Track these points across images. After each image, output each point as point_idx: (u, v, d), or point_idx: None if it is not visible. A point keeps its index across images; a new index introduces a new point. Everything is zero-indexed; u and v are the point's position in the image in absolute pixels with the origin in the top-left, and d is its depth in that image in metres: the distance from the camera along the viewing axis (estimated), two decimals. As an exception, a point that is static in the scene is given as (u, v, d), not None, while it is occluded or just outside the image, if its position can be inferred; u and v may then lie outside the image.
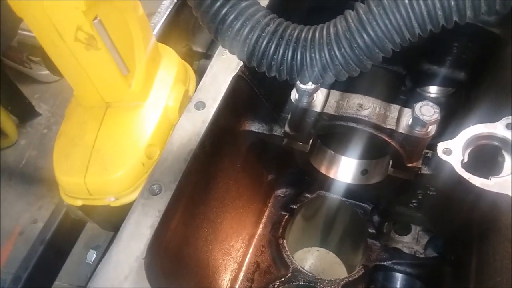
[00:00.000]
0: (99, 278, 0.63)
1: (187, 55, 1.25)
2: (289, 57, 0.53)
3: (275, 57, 0.54)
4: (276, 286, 0.97)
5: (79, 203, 0.94)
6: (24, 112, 2.64)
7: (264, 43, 0.54)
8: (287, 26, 0.55)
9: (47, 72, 2.62)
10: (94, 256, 1.16)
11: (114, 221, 0.75)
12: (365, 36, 0.50)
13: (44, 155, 2.67)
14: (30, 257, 1.73)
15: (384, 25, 0.48)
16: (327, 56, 0.52)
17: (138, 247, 0.65)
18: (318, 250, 1.65)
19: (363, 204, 1.07)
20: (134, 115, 0.94)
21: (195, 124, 0.75)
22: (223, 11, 0.54)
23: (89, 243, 1.81)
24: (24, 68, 2.62)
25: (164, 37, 1.21)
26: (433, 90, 1.26)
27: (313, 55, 0.53)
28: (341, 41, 0.51)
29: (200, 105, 0.76)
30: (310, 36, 0.53)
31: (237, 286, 0.99)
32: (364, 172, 0.97)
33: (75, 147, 0.90)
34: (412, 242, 1.11)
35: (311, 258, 1.79)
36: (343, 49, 0.51)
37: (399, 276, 1.05)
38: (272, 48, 0.54)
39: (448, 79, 1.19)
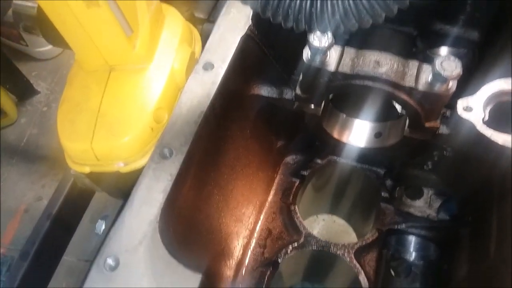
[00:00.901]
0: (112, 244, 0.61)
1: (189, 21, 1.21)
2: (308, 4, 0.50)
3: (292, 4, 0.51)
4: (289, 251, 0.96)
5: (87, 170, 0.92)
6: (23, 91, 2.61)
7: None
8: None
9: (44, 49, 2.57)
10: (103, 226, 1.15)
11: (123, 188, 0.73)
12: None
13: (45, 133, 2.64)
14: (37, 233, 1.73)
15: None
16: (350, 2, 0.48)
17: (151, 211, 0.63)
18: (324, 220, 1.65)
19: (375, 169, 1.05)
20: (140, 78, 0.90)
21: (204, 86, 0.71)
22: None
23: (95, 216, 1.81)
24: (21, 45, 2.58)
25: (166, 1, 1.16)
26: (443, 51, 1.21)
27: (334, 1, 0.49)
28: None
29: (209, 66, 0.73)
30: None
31: (249, 252, 0.98)
32: (378, 135, 0.94)
33: (80, 113, 0.87)
34: (424, 206, 1.09)
35: (317, 228, 1.79)
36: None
37: (412, 240, 1.04)
38: (289, -4, 0.50)
39: (460, 39, 1.15)
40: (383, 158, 1.00)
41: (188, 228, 0.77)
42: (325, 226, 1.68)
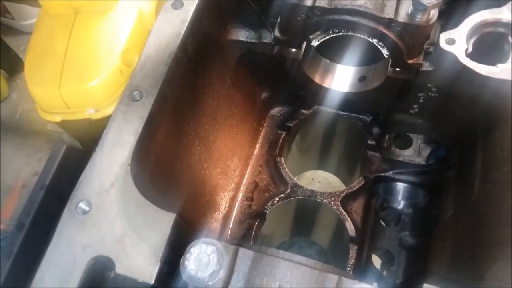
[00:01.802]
0: (83, 188, 0.59)
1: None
2: None
3: None
4: (275, 201, 0.95)
5: (58, 118, 0.90)
6: (12, 65, 2.58)
7: None
8: None
9: (31, 21, 2.52)
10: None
11: (97, 137, 0.71)
12: None
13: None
14: (31, 204, 1.73)
15: None
16: None
17: (122, 154, 0.61)
18: (320, 182, 1.64)
19: (361, 116, 1.03)
20: (106, 19, 0.87)
21: (174, 25, 0.68)
22: None
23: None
24: (7, 19, 2.53)
25: None
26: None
27: None
28: None
29: (178, 4, 0.70)
30: None
31: (236, 205, 0.97)
32: (362, 78, 0.91)
33: (46, 58, 0.85)
34: (413, 155, 1.07)
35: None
36: None
37: (400, 187, 1.03)
38: None
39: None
40: (368, 104, 0.98)
41: (168, 177, 0.75)
42: (321, 187, 1.67)
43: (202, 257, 0.53)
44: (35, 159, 2.42)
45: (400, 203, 1.04)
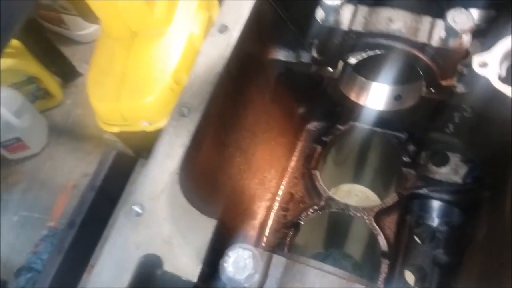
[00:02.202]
0: (138, 193, 0.67)
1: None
2: None
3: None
4: (309, 213, 0.99)
5: (116, 129, 0.99)
6: (67, 73, 2.74)
7: None
8: None
9: (85, 32, 2.70)
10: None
11: (150, 147, 0.79)
12: None
13: (89, 113, 2.77)
14: (82, 204, 1.85)
15: None
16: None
17: (172, 164, 0.68)
18: (357, 195, 1.65)
19: (397, 133, 1.05)
20: (159, 41, 0.96)
21: (220, 48, 0.75)
22: None
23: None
24: (63, 29, 2.70)
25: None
26: (474, 15, 1.18)
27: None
28: None
29: (223, 29, 0.76)
30: None
31: (272, 214, 1.02)
32: (397, 97, 0.95)
33: (107, 76, 0.95)
34: (450, 173, 1.07)
35: (351, 202, 1.80)
36: None
37: (435, 205, 1.04)
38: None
39: None
40: (403, 122, 1.00)
41: (211, 186, 0.82)
42: (359, 201, 1.69)
43: (239, 261, 0.59)
44: (85, 162, 2.57)
45: (435, 221, 1.05)
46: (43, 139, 2.61)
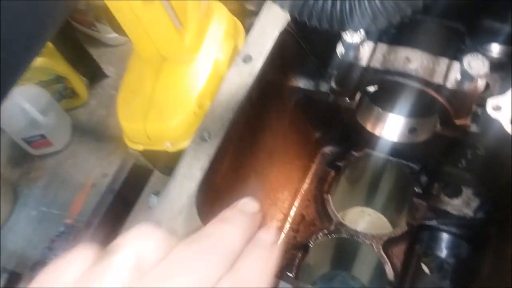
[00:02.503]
0: (157, 213, 0.70)
1: (239, 12, 1.29)
2: (338, 8, 0.55)
3: (324, 8, 0.56)
4: (319, 236, 1.01)
5: (140, 147, 1.04)
6: (94, 74, 2.83)
7: (307, -8, 0.56)
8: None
9: (114, 35, 2.77)
10: (156, 201, 1.28)
11: (170, 165, 0.83)
12: (404, -18, 0.50)
13: (112, 115, 2.85)
14: (101, 205, 1.92)
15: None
16: (365, 3, 0.53)
17: (190, 186, 0.71)
18: (369, 215, 1.67)
19: (410, 164, 1.07)
20: (187, 67, 1.01)
21: (242, 77, 0.79)
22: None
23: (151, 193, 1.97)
24: (92, 31, 2.78)
25: (217, -4, 1.25)
26: (495, 49, 1.19)
27: (353, 2, 0.54)
28: (380, -11, 0.52)
29: (248, 59, 0.80)
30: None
31: (282, 234, 1.05)
32: (412, 130, 0.96)
33: (136, 97, 1.00)
34: (462, 205, 1.09)
35: (362, 222, 1.81)
36: (382, -3, 0.52)
37: (444, 237, 1.05)
38: (315, -3, 0.56)
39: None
40: (417, 153, 1.02)
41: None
42: (370, 221, 1.70)
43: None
44: (106, 162, 2.64)
45: (443, 252, 1.06)
46: (66, 137, 2.69)
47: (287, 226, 1.06)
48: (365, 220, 1.81)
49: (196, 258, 0.38)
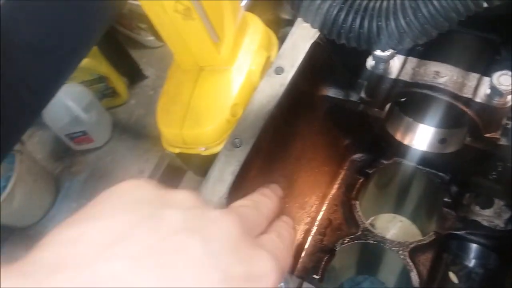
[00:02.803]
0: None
1: (274, 22, 1.32)
2: (366, 28, 0.58)
3: (344, 25, 0.59)
4: (345, 241, 1.04)
5: (177, 150, 1.10)
6: (134, 75, 2.92)
7: (335, 12, 0.59)
8: (358, -5, 0.59)
9: (154, 38, 2.86)
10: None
11: (203, 167, 0.88)
12: (430, 6, 0.52)
13: (150, 114, 2.96)
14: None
15: (448, -5, 0.50)
16: (392, 24, 0.56)
17: (221, 189, 0.76)
18: (401, 221, 1.67)
19: (440, 174, 1.07)
20: (223, 77, 1.06)
21: (274, 87, 0.82)
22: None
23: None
24: (134, 34, 2.87)
25: (252, 8, 1.30)
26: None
27: (380, 23, 0.57)
28: (406, 11, 0.54)
29: (279, 70, 0.84)
30: (378, 5, 0.57)
31: (310, 237, 1.08)
32: (442, 141, 0.97)
33: (174, 104, 1.06)
34: (493, 216, 1.08)
35: (392, 228, 1.81)
36: (408, 18, 0.54)
37: (473, 247, 1.05)
38: (342, 17, 0.59)
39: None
40: (447, 164, 1.03)
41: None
42: (402, 227, 1.70)
43: (272, 286, 0.66)
44: (143, 159, 2.73)
45: (472, 262, 1.06)
46: (106, 134, 2.79)
47: (314, 229, 1.09)
48: (396, 226, 1.81)
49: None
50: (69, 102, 2.53)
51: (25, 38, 1.04)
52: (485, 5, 0.52)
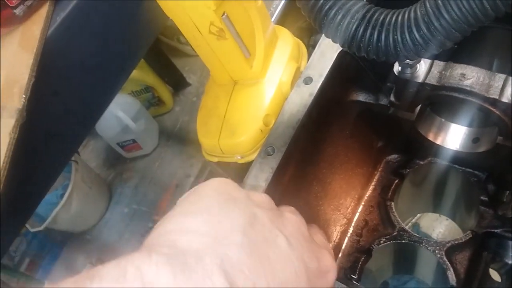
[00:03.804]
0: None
1: (306, 29, 1.37)
2: (375, 40, 0.62)
3: (362, 40, 0.63)
4: (382, 242, 1.06)
5: (215, 159, 1.18)
6: (177, 83, 3.04)
7: (353, 28, 0.63)
8: (374, 11, 0.63)
9: (195, 46, 2.97)
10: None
11: (240, 174, 0.94)
12: (441, 19, 0.55)
13: (194, 120, 3.05)
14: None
15: (458, 9, 0.53)
16: (407, 37, 0.59)
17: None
18: (447, 220, 1.66)
19: (477, 172, 1.07)
20: (255, 90, 1.12)
21: (303, 97, 0.87)
22: (325, 7, 0.65)
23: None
24: (176, 43, 2.99)
25: (284, 17, 1.35)
26: None
27: (395, 37, 0.60)
28: (419, 24, 0.57)
29: (308, 80, 0.88)
30: (393, 20, 0.61)
31: (346, 238, 1.11)
32: (475, 140, 0.97)
33: (211, 117, 1.13)
34: (534, 213, 1.07)
35: (438, 227, 1.80)
36: (421, 31, 0.58)
37: (512, 244, 1.04)
38: (360, 32, 0.63)
39: None
40: (482, 162, 1.02)
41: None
42: (448, 225, 1.69)
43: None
44: (188, 164, 2.85)
45: (511, 259, 1.05)
46: (154, 141, 2.93)
47: (350, 230, 1.13)
48: (442, 225, 1.79)
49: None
50: (119, 113, 2.68)
51: (78, 56, 1.14)
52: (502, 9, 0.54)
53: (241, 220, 0.49)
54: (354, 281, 1.02)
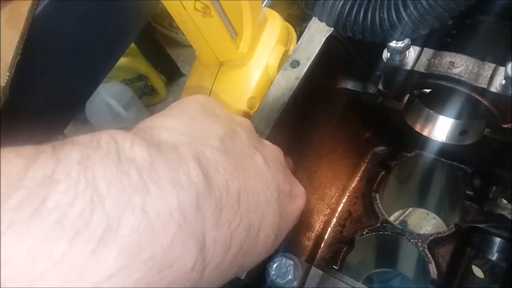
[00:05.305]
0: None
1: (298, 17, 1.35)
2: (378, 22, 0.60)
3: (348, 18, 0.62)
4: (364, 233, 1.05)
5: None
6: (171, 73, 3.02)
7: (339, 5, 0.62)
8: (361, -11, 0.62)
9: (190, 36, 2.95)
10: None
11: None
12: (428, -4, 0.54)
13: (185, 111, 3.05)
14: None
15: (445, -15, 0.52)
16: (393, 16, 0.57)
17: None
18: (434, 218, 1.65)
19: (463, 166, 1.06)
20: (241, 72, 1.10)
21: (289, 81, 0.85)
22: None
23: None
24: (170, 32, 2.96)
25: (276, 3, 1.33)
26: None
27: (382, 15, 0.59)
28: (406, 2, 0.56)
29: (295, 64, 0.86)
30: (380, -2, 0.59)
31: (329, 229, 1.10)
32: (462, 132, 0.96)
33: (196, 98, 1.11)
34: (520, 210, 1.06)
35: (426, 225, 1.79)
36: (408, 10, 0.56)
37: (497, 241, 1.03)
38: (346, 10, 0.61)
39: None
40: (469, 156, 1.02)
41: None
42: (436, 223, 1.68)
43: (282, 267, 0.69)
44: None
45: (495, 256, 1.05)
46: (145, 130, 2.90)
47: (334, 221, 1.11)
48: (431, 222, 1.79)
49: None
50: (110, 100, 2.65)
51: (66, 37, 1.12)
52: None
53: (221, 131, 0.50)
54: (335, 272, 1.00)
